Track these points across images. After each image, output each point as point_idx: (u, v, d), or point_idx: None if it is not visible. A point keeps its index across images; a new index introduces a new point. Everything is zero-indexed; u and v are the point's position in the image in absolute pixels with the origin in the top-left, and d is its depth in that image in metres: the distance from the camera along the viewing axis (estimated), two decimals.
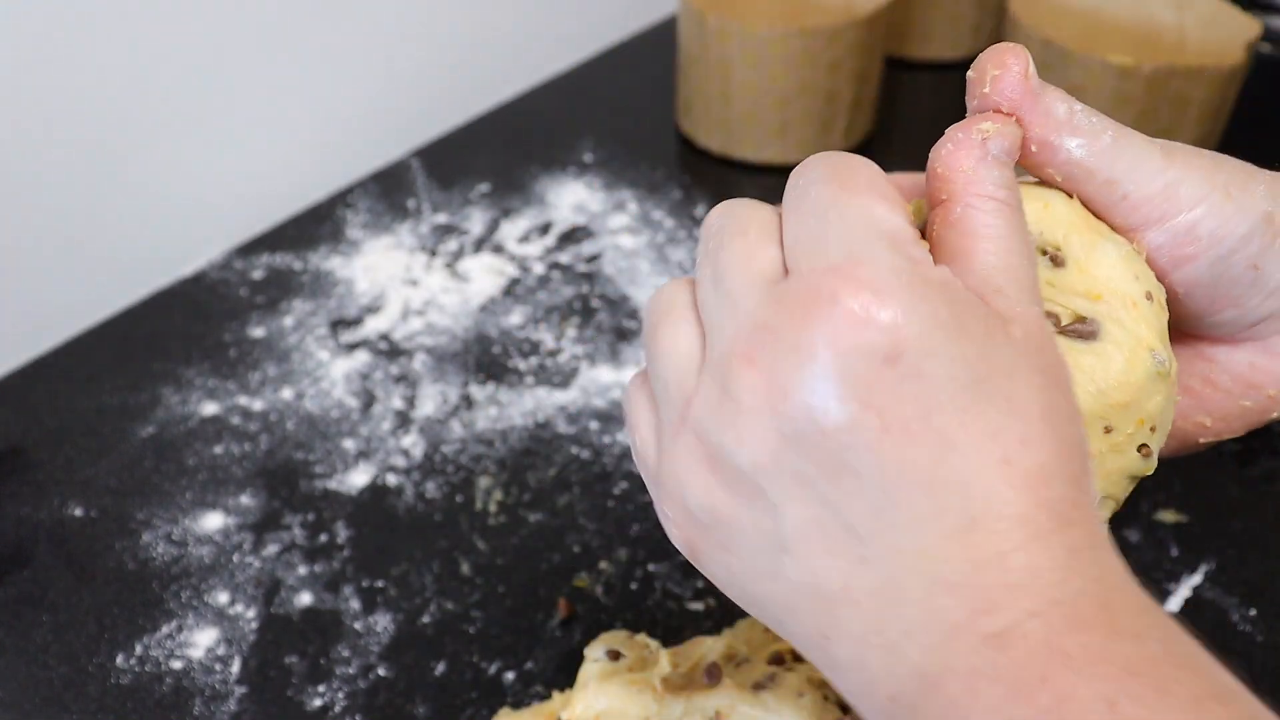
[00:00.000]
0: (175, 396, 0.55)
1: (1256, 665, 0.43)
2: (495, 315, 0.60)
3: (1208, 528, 0.48)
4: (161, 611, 0.45)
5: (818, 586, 0.24)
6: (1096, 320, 0.26)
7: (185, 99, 0.61)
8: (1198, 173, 0.27)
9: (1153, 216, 0.27)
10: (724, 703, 0.36)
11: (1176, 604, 0.45)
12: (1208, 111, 0.63)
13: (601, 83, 0.80)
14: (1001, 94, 0.27)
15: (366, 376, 0.56)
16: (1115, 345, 0.26)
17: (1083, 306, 0.27)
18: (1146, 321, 0.27)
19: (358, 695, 0.42)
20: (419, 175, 0.70)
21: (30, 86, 0.54)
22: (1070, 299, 0.27)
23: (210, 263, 0.63)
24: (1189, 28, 0.64)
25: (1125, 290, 0.27)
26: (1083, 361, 0.26)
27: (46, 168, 0.57)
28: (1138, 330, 0.27)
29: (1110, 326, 0.26)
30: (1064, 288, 0.27)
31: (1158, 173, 0.27)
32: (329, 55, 0.67)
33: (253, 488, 0.50)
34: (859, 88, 0.70)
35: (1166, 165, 0.27)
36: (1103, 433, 0.26)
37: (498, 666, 0.43)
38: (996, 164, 0.26)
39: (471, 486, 0.50)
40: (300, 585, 0.46)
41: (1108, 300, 0.27)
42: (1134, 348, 0.26)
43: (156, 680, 0.43)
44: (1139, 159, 0.27)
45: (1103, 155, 0.27)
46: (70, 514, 0.49)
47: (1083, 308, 0.27)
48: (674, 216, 0.67)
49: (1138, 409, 0.27)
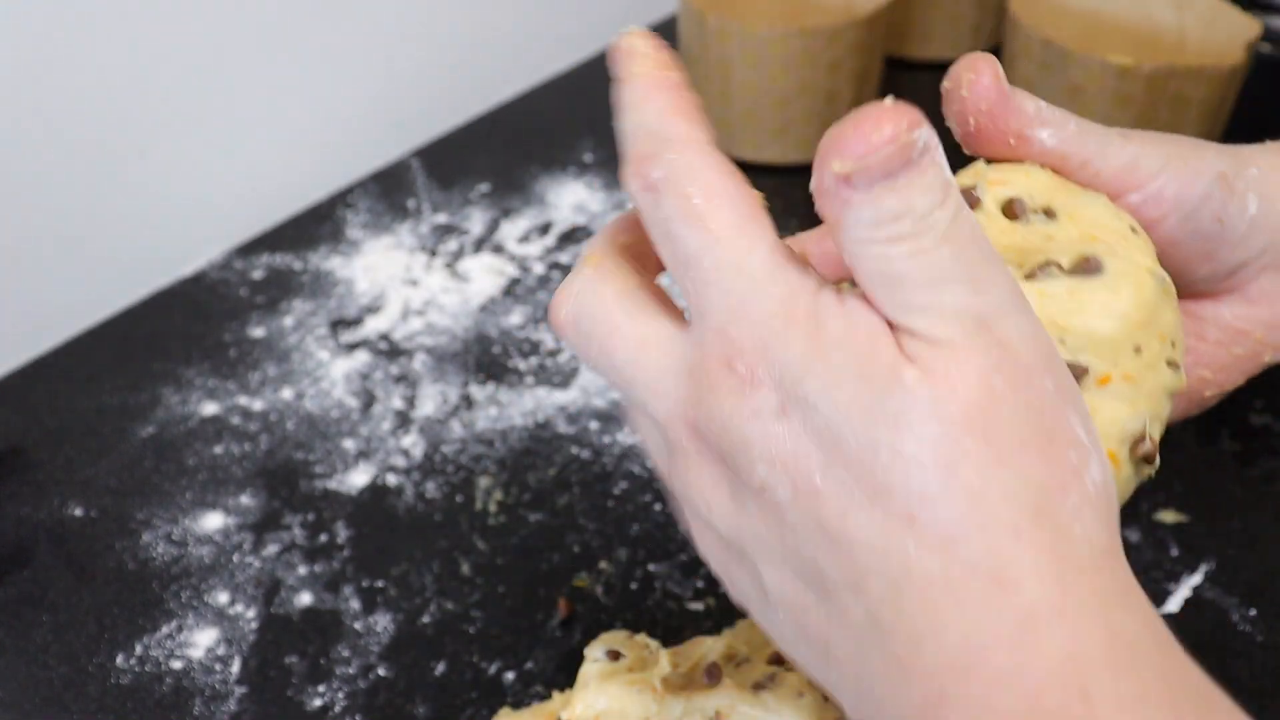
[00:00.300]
0: (175, 396, 0.55)
1: (1256, 665, 0.43)
2: (495, 315, 0.60)
3: (1208, 528, 0.48)
4: (161, 611, 0.45)
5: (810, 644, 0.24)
6: (1098, 257, 0.29)
7: (185, 99, 0.61)
8: (1156, 147, 0.31)
9: (1123, 188, 0.31)
10: (724, 703, 0.36)
11: (1177, 604, 0.45)
12: (1207, 111, 0.63)
13: (602, 83, 0.80)
14: (978, 96, 0.29)
15: (366, 376, 0.56)
16: (1120, 274, 0.28)
17: (1083, 248, 0.29)
18: (1140, 249, 0.29)
19: (358, 695, 0.42)
20: (419, 175, 0.70)
21: (31, 86, 0.54)
22: (1071, 245, 0.29)
23: (210, 263, 0.63)
24: (1189, 28, 0.64)
25: (1115, 226, 0.29)
26: (1098, 296, 0.28)
27: (47, 168, 0.57)
28: (1134, 257, 0.29)
29: (1111, 260, 0.29)
30: (1061, 238, 0.29)
31: (1121, 150, 0.30)
32: (329, 55, 0.68)
33: (253, 488, 0.50)
34: (859, 88, 0.70)
35: (1126, 144, 0.31)
36: (1134, 353, 0.28)
37: (498, 666, 0.43)
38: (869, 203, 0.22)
39: (471, 486, 0.50)
40: (300, 585, 0.46)
41: (1103, 238, 0.29)
42: (1136, 272, 0.29)
43: (156, 680, 0.43)
44: (1103, 141, 0.31)
45: (1072, 141, 0.30)
46: (70, 514, 0.49)
47: (1084, 248, 0.29)
48: None
49: (1156, 325, 0.29)
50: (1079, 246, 0.29)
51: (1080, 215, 0.30)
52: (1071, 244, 0.29)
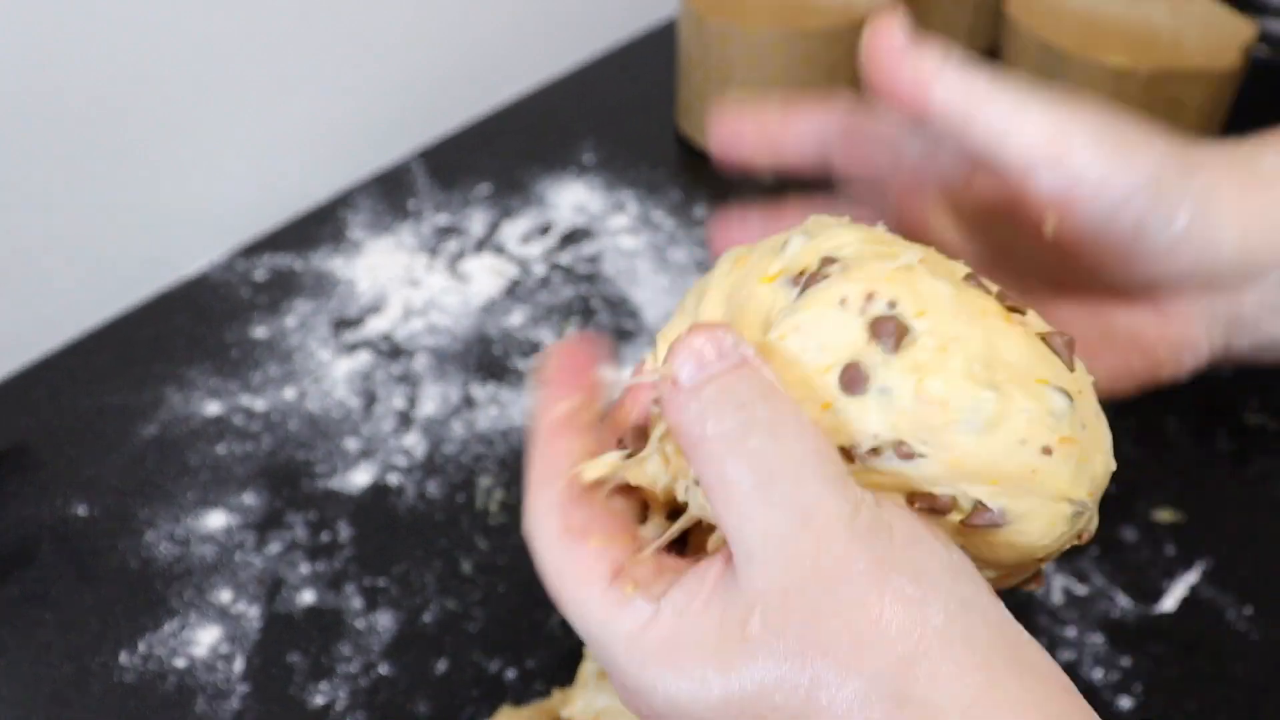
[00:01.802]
0: (178, 396, 0.55)
1: (1252, 664, 0.43)
2: (496, 315, 0.61)
3: (1204, 526, 0.48)
4: (164, 610, 0.45)
5: None
6: (1002, 510, 0.23)
7: (188, 100, 0.61)
8: (1090, 123, 0.27)
9: (1040, 158, 0.27)
10: None
11: (1173, 603, 0.45)
12: (1203, 114, 0.63)
13: (602, 84, 0.81)
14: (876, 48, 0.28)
15: (368, 376, 0.56)
16: (1029, 519, 0.24)
17: (982, 494, 0.23)
18: (1059, 471, 0.23)
19: (359, 693, 0.42)
20: (420, 176, 0.71)
21: (32, 87, 0.55)
22: (961, 486, 0.23)
23: (212, 264, 0.63)
24: (1185, 30, 0.65)
25: (1023, 461, 0.23)
26: (997, 541, 0.24)
27: (50, 170, 0.57)
28: (1054, 487, 0.23)
29: (1018, 504, 0.23)
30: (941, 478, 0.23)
31: (1042, 115, 0.27)
32: (331, 57, 0.68)
33: (255, 487, 0.50)
34: (858, 90, 0.70)
35: (1052, 110, 0.27)
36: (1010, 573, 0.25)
37: (499, 664, 0.44)
38: (693, 396, 0.22)
39: (473, 486, 0.51)
40: (302, 584, 0.46)
41: (1002, 480, 0.23)
42: (1051, 511, 0.24)
43: (159, 678, 0.43)
44: (1021, 103, 0.27)
45: (981, 97, 0.27)
46: (73, 513, 0.49)
47: (982, 495, 0.23)
48: (674, 217, 0.68)
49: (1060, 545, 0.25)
50: (978, 491, 0.23)
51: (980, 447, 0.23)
52: (965, 485, 0.23)
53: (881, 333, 0.23)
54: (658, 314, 0.61)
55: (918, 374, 0.23)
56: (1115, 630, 0.45)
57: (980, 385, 0.23)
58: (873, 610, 0.21)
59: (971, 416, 0.22)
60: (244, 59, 0.63)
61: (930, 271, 0.24)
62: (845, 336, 0.23)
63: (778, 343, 0.24)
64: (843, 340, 0.23)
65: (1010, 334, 0.23)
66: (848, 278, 0.24)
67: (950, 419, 0.23)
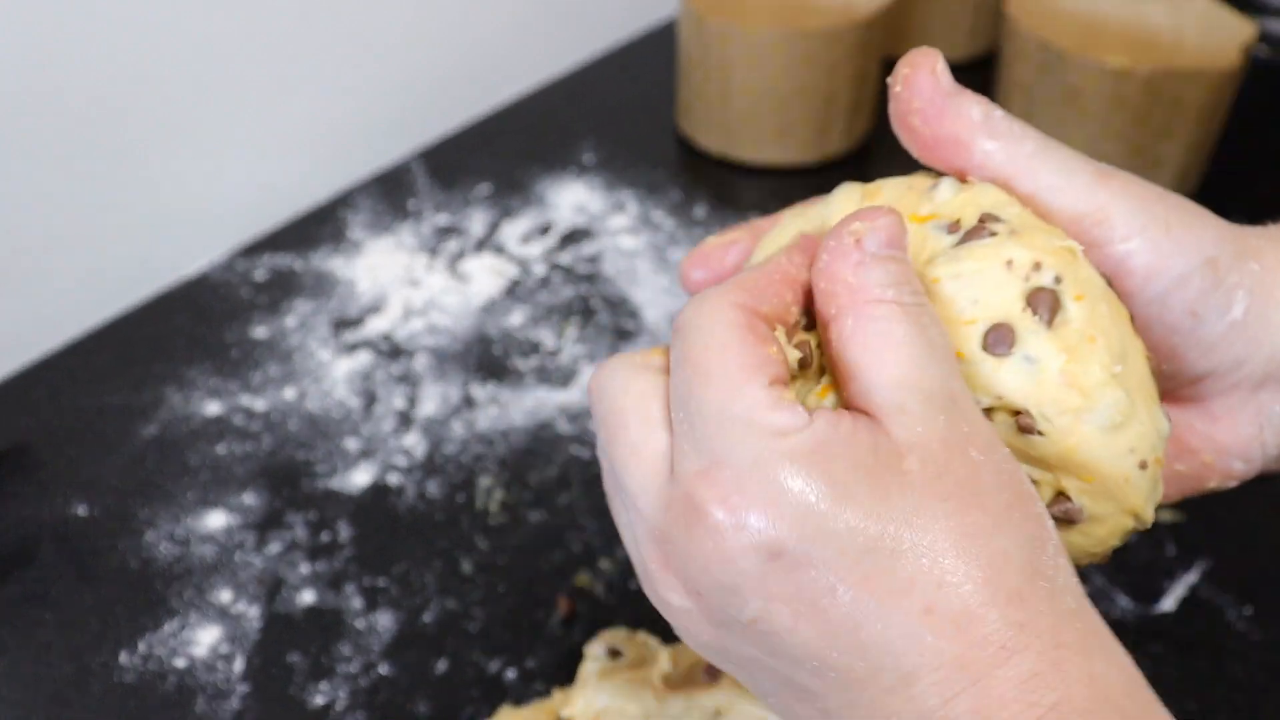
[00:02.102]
0: (178, 396, 0.55)
1: (1252, 663, 0.43)
2: (496, 315, 0.61)
3: (1204, 526, 0.49)
4: (164, 610, 0.45)
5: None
6: (1082, 508, 0.24)
7: (188, 100, 0.61)
8: (1136, 201, 0.25)
9: (1081, 240, 0.25)
10: (724, 700, 0.37)
11: (1173, 602, 0.45)
12: (1203, 114, 0.63)
13: (602, 84, 0.81)
14: (913, 93, 0.26)
15: (368, 376, 0.56)
16: (1098, 523, 0.25)
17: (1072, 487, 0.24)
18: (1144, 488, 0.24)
19: (359, 693, 0.42)
20: (420, 176, 0.71)
21: (32, 87, 0.55)
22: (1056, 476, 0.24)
23: (212, 264, 0.63)
24: (1185, 30, 0.65)
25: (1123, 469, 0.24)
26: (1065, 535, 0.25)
27: (51, 170, 0.57)
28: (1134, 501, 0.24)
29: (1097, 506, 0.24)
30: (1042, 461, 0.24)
31: (1087, 191, 0.25)
32: (331, 57, 0.68)
33: (255, 487, 0.50)
34: (857, 89, 0.71)
35: (1099, 186, 0.25)
36: None
37: (499, 664, 0.44)
38: (879, 263, 0.23)
39: (473, 486, 0.51)
40: (302, 584, 0.46)
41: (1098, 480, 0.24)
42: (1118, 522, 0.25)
43: (159, 678, 0.43)
44: (1067, 174, 0.25)
45: (1024, 163, 0.25)
46: (74, 513, 0.49)
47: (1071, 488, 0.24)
48: (674, 217, 0.68)
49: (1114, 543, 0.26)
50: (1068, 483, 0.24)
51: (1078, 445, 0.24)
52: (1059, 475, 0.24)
53: (1039, 304, 0.23)
54: (658, 314, 0.61)
55: (1068, 355, 0.23)
56: (1115, 630, 0.44)
57: (1118, 385, 0.23)
58: (1024, 484, 0.22)
59: (1104, 412, 0.23)
60: (244, 59, 0.63)
61: (1088, 259, 0.24)
62: (1002, 296, 0.24)
63: (931, 284, 0.25)
64: (998, 299, 0.24)
65: (1139, 346, 0.24)
66: (1019, 242, 0.24)
67: (1085, 407, 0.23)
